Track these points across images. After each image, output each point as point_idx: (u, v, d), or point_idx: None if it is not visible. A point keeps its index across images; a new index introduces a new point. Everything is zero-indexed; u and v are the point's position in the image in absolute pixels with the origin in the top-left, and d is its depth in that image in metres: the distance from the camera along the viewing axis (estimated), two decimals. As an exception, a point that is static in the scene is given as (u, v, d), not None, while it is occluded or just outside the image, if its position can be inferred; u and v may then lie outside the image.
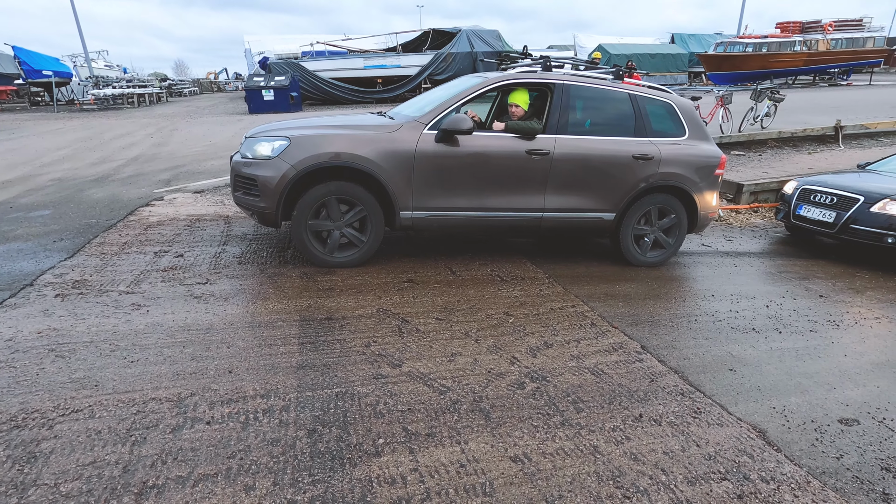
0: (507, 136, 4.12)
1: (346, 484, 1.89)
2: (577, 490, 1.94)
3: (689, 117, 4.70)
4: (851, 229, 5.32)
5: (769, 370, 3.02)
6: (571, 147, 4.19)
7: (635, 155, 4.35)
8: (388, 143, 3.84)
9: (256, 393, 2.41)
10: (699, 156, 4.58)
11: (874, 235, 5.16)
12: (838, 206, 5.47)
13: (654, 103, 4.59)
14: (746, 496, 1.97)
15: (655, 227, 4.64)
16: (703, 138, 4.72)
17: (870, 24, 31.97)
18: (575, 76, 4.42)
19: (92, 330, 2.90)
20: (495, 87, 4.24)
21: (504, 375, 2.71)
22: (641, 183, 4.39)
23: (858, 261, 5.35)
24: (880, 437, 2.45)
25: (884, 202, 5.19)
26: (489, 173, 4.06)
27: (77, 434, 2.06)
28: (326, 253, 3.98)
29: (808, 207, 5.75)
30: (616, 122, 4.45)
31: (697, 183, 4.56)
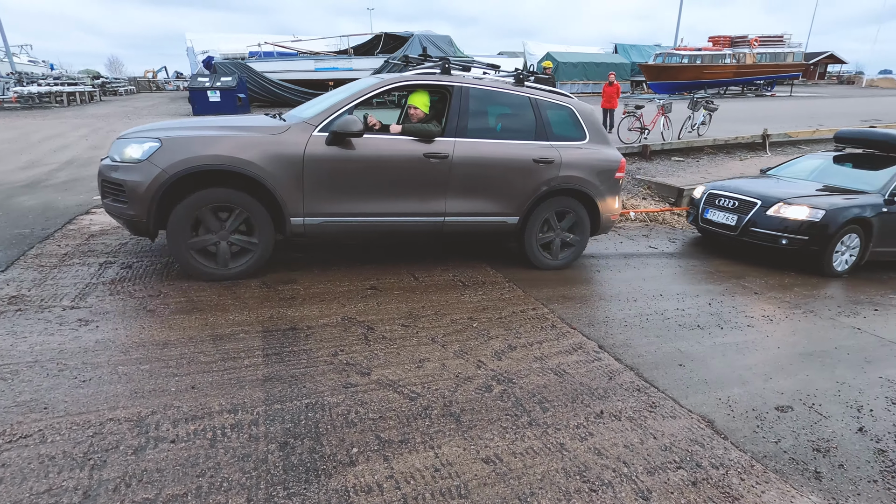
0: (405, 139, 4.04)
1: (323, 495, 1.89)
2: (548, 487, 2.03)
3: (589, 122, 4.77)
4: (751, 231, 5.61)
5: (714, 364, 3.25)
6: (471, 150, 4.16)
7: (536, 158, 4.37)
8: (274, 145, 3.65)
9: (222, 408, 2.35)
10: (599, 160, 4.67)
11: (770, 237, 5.47)
12: (739, 209, 5.75)
13: (555, 108, 4.61)
14: (699, 482, 2.13)
15: (559, 230, 4.70)
16: (604, 142, 4.82)
17: (790, 41, 34.78)
18: (475, 79, 4.38)
19: (35, 349, 2.73)
20: (392, 89, 4.11)
21: (472, 379, 2.78)
22: (543, 186, 4.42)
23: (786, 261, 5.82)
24: (811, 422, 2.70)
25: (778, 206, 5.50)
26: (387, 177, 3.96)
27: (28, 461, 1.94)
28: (220, 267, 3.73)
29: (713, 211, 6.03)
30: (517, 126, 4.46)
31: (598, 186, 4.65)
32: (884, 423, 2.76)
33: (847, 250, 5.58)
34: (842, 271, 5.59)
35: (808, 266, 5.55)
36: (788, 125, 14.57)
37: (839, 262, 5.56)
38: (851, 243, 5.57)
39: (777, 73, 33.94)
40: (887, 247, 5.86)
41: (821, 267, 5.47)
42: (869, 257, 5.74)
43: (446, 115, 4.18)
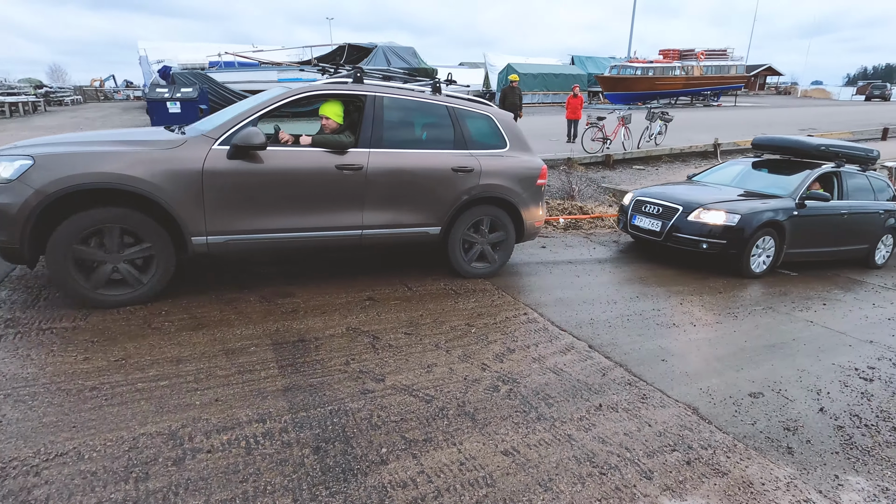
0: (316, 150, 3.91)
1: (363, 492, 2.04)
2: (563, 472, 2.25)
3: (509, 129, 4.79)
4: (674, 237, 5.76)
5: (691, 358, 3.58)
6: (387, 161, 4.11)
7: (455, 167, 4.36)
8: (168, 161, 3.43)
9: (250, 418, 2.45)
10: (520, 167, 4.71)
11: (692, 242, 5.62)
12: (663, 215, 5.89)
13: (473, 116, 4.62)
14: (692, 461, 2.41)
15: (484, 238, 4.72)
16: (524, 150, 4.84)
17: (732, 54, 37.05)
18: (390, 88, 4.30)
19: (47, 370, 2.74)
20: (301, 98, 3.91)
21: (479, 381, 2.98)
22: (464, 195, 4.42)
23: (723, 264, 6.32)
24: (779, 405, 3.04)
25: (698, 211, 5.67)
26: (297, 191, 3.83)
27: (70, 477, 2.00)
28: (90, 288, 3.42)
29: (640, 217, 6.15)
30: (435, 135, 4.45)
31: (520, 194, 4.68)
32: (839, 403, 3.14)
33: (763, 252, 5.79)
34: (760, 272, 5.81)
35: (730, 268, 5.76)
36: (736, 134, 15.60)
37: (756, 264, 5.77)
38: (767, 246, 5.78)
39: (722, 85, 36.07)
40: (801, 248, 6.13)
41: (739, 269, 5.67)
42: (784, 258, 5.98)
43: (360, 124, 4.09)
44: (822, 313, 4.87)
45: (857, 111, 29.05)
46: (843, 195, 6.47)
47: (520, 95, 13.05)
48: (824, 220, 6.21)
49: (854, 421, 2.95)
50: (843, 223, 6.39)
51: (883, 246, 7.11)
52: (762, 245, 5.74)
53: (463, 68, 45.24)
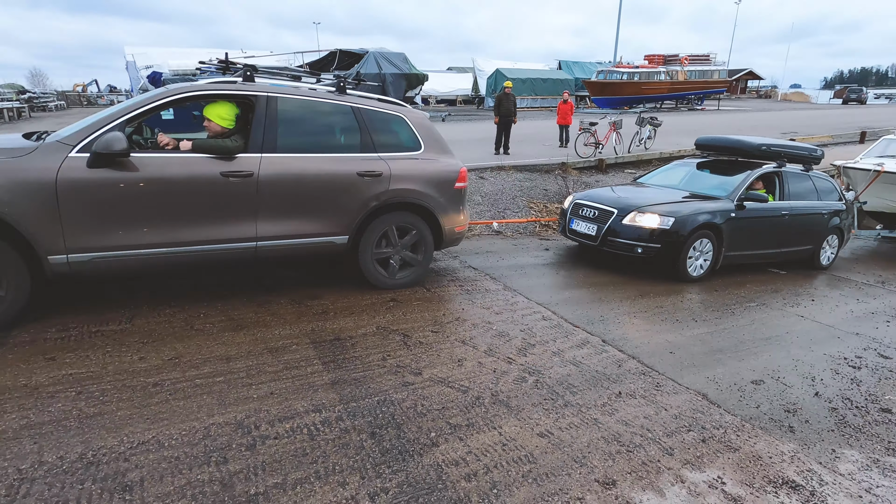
0: (197, 157, 3.58)
1: (421, 469, 2.28)
2: (595, 451, 2.51)
3: (424, 131, 4.54)
4: (609, 241, 5.62)
5: (696, 350, 3.88)
6: (283, 167, 3.83)
7: (360, 172, 4.11)
8: (13, 171, 3.10)
9: (306, 409, 2.68)
10: (436, 170, 4.47)
11: (627, 246, 5.50)
12: (599, 219, 5.75)
13: (383, 117, 4.36)
14: (707, 439, 2.69)
15: (398, 246, 4.47)
16: (441, 152, 4.60)
17: (715, 59, 37.97)
18: (285, 87, 4.01)
19: (108, 368, 2.93)
20: (180, 100, 3.61)
21: (507, 373, 3.23)
22: (372, 202, 4.17)
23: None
24: (780, 391, 3.34)
25: (633, 214, 5.52)
26: (176, 201, 3.50)
27: (157, 462, 2.21)
28: None
29: (577, 221, 6.01)
30: (339, 138, 4.19)
31: (437, 198, 4.44)
32: (832, 388, 3.46)
33: (701, 255, 5.65)
34: (697, 276, 5.66)
35: (666, 272, 5.63)
36: (722, 138, 16.08)
37: (694, 268, 5.63)
38: (704, 249, 5.64)
39: (706, 89, 36.94)
40: (741, 250, 6.00)
41: (676, 272, 5.53)
42: (724, 261, 5.86)
43: (251, 127, 3.79)
44: (812, 308, 5.22)
45: (836, 114, 29.99)
46: (784, 195, 6.40)
47: (514, 101, 13.37)
48: (764, 222, 6.11)
49: (846, 403, 3.26)
50: (784, 224, 6.30)
51: (828, 246, 7.01)
52: (699, 248, 5.61)
53: (451, 73, 45.75)
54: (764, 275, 6.35)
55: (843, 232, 7.14)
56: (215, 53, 28.01)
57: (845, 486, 2.42)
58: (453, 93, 41.71)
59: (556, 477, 2.31)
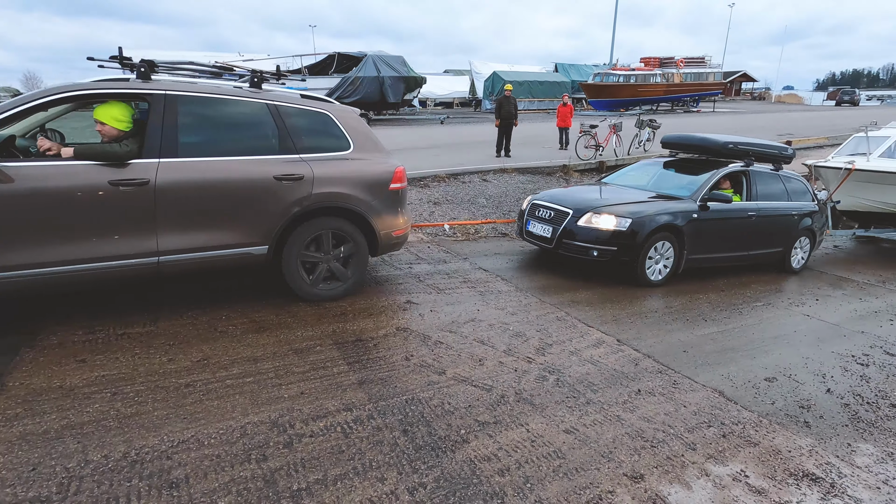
0: (82, 164, 3.22)
1: (456, 465, 2.35)
2: (620, 446, 2.59)
3: (353, 129, 4.22)
4: (564, 244, 5.32)
5: (708, 349, 3.96)
6: (185, 173, 3.46)
7: (278, 176, 3.76)
8: None
9: (337, 408, 2.74)
10: (367, 172, 4.17)
11: (582, 249, 5.21)
12: (554, 220, 5.47)
13: (305, 115, 4.01)
14: (727, 434, 2.77)
15: (329, 254, 4.14)
16: (375, 151, 4.30)
17: (710, 61, 38.29)
18: (187, 84, 3.67)
19: (140, 370, 2.98)
20: (60, 100, 3.28)
21: (528, 372, 3.31)
22: (294, 208, 3.82)
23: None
24: (792, 387, 3.43)
25: (589, 215, 5.24)
26: (58, 215, 3.14)
27: (199, 460, 2.26)
28: None
29: (534, 223, 5.72)
30: (252, 139, 3.82)
31: (369, 201, 4.13)
32: (843, 385, 3.55)
33: (661, 259, 5.40)
34: (657, 281, 5.40)
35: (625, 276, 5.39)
36: (719, 140, 16.27)
37: (653, 272, 5.37)
38: (665, 251, 5.39)
39: (701, 91, 37.26)
40: (705, 253, 5.73)
41: (635, 277, 5.28)
42: (686, 265, 5.59)
43: (147, 130, 3.43)
44: (817, 308, 5.32)
45: (831, 116, 30.33)
46: (752, 196, 6.12)
47: (515, 104, 13.48)
48: (730, 223, 5.85)
49: (857, 399, 3.35)
50: (751, 225, 6.03)
51: (799, 249, 6.72)
52: (660, 250, 5.35)
53: (448, 76, 45.94)
54: (766, 275, 6.45)
55: (815, 234, 6.89)
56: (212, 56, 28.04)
57: (863, 478, 2.50)
58: (450, 95, 41.84)
59: (585, 471, 2.38)
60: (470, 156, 12.38)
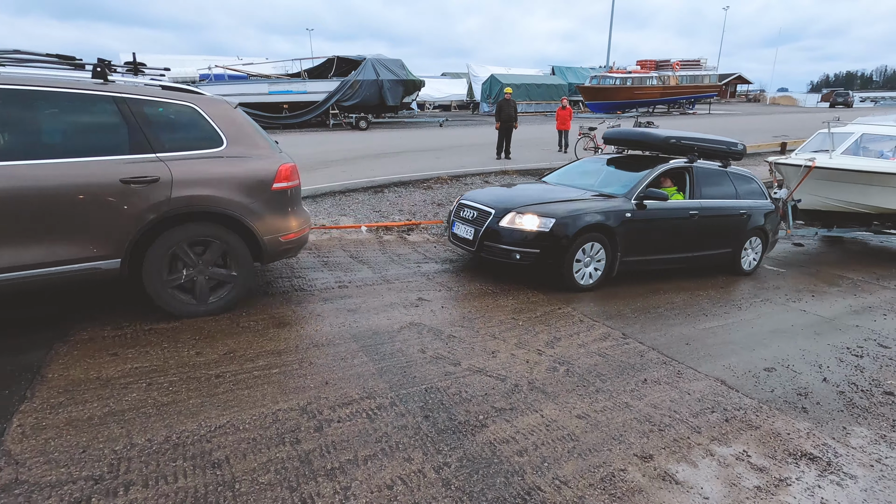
0: None
1: (477, 447, 2.50)
2: (630, 430, 2.75)
3: (227, 123, 3.74)
4: (485, 246, 4.98)
5: (710, 342, 4.13)
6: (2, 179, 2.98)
7: (126, 179, 3.29)
8: None
9: (361, 396, 2.89)
10: (243, 170, 3.70)
11: (504, 252, 4.87)
12: (476, 221, 5.14)
13: (164, 108, 3.57)
14: (730, 419, 2.93)
15: (202, 265, 3.69)
16: (253, 147, 3.82)
17: (706, 64, 38.66)
18: (7, 76, 3.16)
19: (169, 362, 3.13)
20: None
21: (539, 363, 3.46)
22: (149, 214, 3.37)
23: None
24: (791, 377, 3.60)
25: (511, 215, 4.91)
26: None
27: (237, 443, 2.41)
28: None
29: (458, 224, 5.37)
30: (93, 138, 3.36)
31: (247, 204, 3.67)
32: (839, 374, 3.72)
33: (592, 261, 5.06)
34: (587, 285, 5.07)
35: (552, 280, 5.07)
36: (716, 142, 16.50)
37: (582, 275, 5.02)
38: (595, 253, 5.05)
39: (697, 93, 37.60)
40: (642, 255, 5.42)
41: (562, 281, 4.96)
42: (622, 267, 5.28)
43: None
44: (813, 303, 5.50)
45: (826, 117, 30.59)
46: (695, 194, 5.80)
47: (514, 107, 13.67)
48: (670, 223, 5.51)
49: (852, 388, 3.52)
50: (694, 225, 5.69)
51: (750, 250, 6.41)
52: (590, 252, 5.01)
53: (446, 79, 46.16)
54: (762, 273, 6.63)
55: (768, 233, 6.56)
56: (212, 60, 28.16)
57: (858, 458, 2.67)
58: (448, 98, 42.08)
59: (598, 452, 2.54)
60: (471, 158, 12.56)
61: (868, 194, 7.66)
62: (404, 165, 11.03)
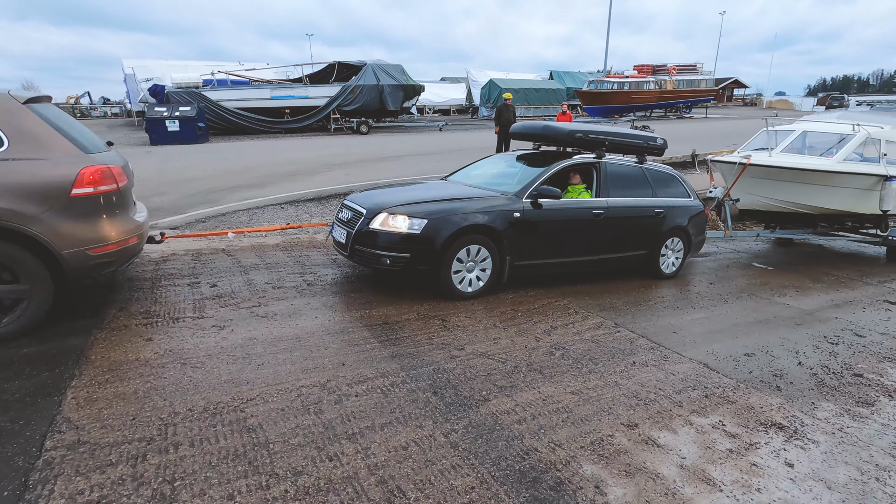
0: None
1: (481, 416, 2.80)
2: (618, 403, 3.05)
3: (7, 122, 3.30)
4: (356, 250, 4.54)
5: (695, 331, 4.43)
6: None
7: None
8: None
9: (375, 375, 3.19)
10: (26, 176, 3.23)
11: (373, 256, 4.42)
12: (350, 223, 4.68)
13: None
14: (709, 395, 3.24)
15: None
16: (43, 147, 3.35)
17: (702, 68, 39.13)
18: None
19: (201, 347, 3.42)
20: None
21: (537, 348, 3.77)
22: None
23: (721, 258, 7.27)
24: (769, 361, 3.91)
25: (383, 216, 4.44)
26: None
27: (267, 412, 2.71)
28: None
29: (337, 227, 4.92)
30: None
31: (32, 213, 3.20)
32: (813, 359, 4.02)
33: (476, 266, 4.63)
34: (470, 292, 4.65)
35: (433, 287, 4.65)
36: (709, 145, 16.86)
37: (465, 281, 4.61)
38: (479, 257, 4.61)
39: (693, 98, 38.01)
40: (538, 258, 5.02)
41: (440, 287, 4.55)
42: (515, 272, 4.88)
43: None
44: (796, 298, 5.81)
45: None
46: (603, 191, 5.41)
47: (514, 112, 14.02)
48: (569, 223, 5.12)
49: (825, 371, 3.82)
50: (599, 225, 5.30)
51: (669, 251, 5.98)
52: (472, 256, 4.58)
53: (445, 83, 46.60)
54: (751, 269, 6.94)
55: (691, 234, 6.10)
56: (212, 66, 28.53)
57: (822, 427, 2.97)
58: (447, 103, 42.50)
59: (589, 422, 2.84)
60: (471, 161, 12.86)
61: (809, 194, 7.47)
62: (406, 169, 11.34)
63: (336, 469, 2.31)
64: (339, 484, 2.22)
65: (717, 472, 2.48)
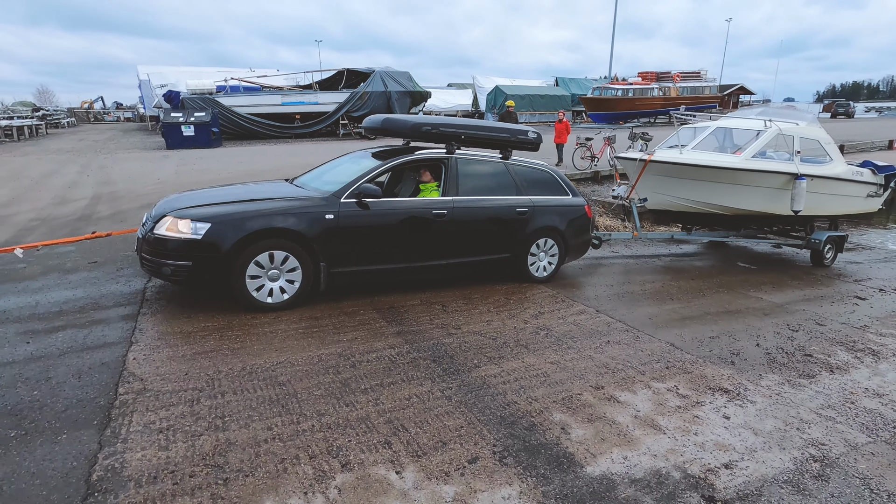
0: None
1: (472, 379, 3.35)
2: (590, 372, 3.58)
3: None
4: (143, 258, 4.16)
5: (668, 318, 4.94)
6: None
7: None
8: None
9: (383, 346, 3.75)
10: None
11: (155, 265, 4.02)
12: (145, 227, 4.32)
13: None
14: (670, 367, 3.76)
15: None
16: None
17: (706, 75, 39.58)
18: None
19: (235, 323, 3.99)
20: None
21: (524, 329, 4.31)
22: None
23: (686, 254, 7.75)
24: (729, 343, 4.41)
25: (169, 220, 4.06)
26: None
27: (294, 372, 3.27)
28: None
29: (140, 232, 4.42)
30: None
31: None
32: (771, 342, 4.52)
33: (281, 275, 4.21)
34: (273, 304, 4.23)
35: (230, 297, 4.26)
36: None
37: (264, 290, 4.17)
38: (283, 265, 4.20)
39: (697, 104, 38.42)
40: (364, 264, 4.58)
41: (233, 296, 4.16)
42: (336, 280, 4.46)
43: None
44: (770, 292, 6.30)
45: (833, 128, 31.29)
46: (452, 189, 4.98)
47: (516, 119, 14.60)
48: (402, 225, 4.68)
49: (779, 351, 4.32)
50: (444, 227, 4.87)
51: (543, 253, 5.59)
52: (276, 264, 4.18)
53: (451, 89, 47.33)
54: (734, 269, 7.43)
55: (566, 236, 5.67)
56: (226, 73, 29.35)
57: (763, 392, 3.49)
58: (454, 108, 43.13)
59: (562, 384, 3.38)
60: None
61: (718, 193, 7.02)
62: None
63: (352, 412, 2.87)
64: (355, 422, 2.77)
65: (664, 421, 3.01)
